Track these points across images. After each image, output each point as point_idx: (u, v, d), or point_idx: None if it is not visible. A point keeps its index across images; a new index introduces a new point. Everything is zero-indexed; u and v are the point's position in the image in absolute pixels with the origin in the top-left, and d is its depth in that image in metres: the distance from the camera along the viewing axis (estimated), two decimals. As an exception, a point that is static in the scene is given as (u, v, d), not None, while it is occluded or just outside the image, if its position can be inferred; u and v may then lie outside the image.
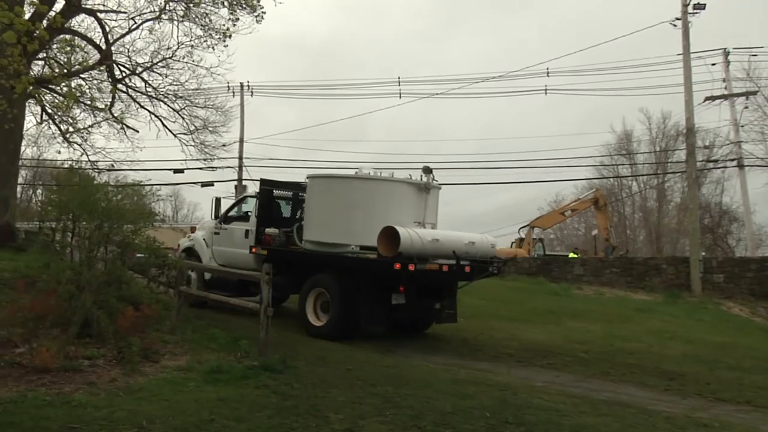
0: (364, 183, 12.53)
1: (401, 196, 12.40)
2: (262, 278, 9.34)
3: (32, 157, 41.35)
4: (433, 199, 13.02)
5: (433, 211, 13.03)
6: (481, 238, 13.11)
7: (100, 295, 9.32)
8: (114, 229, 10.29)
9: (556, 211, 38.20)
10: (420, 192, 12.71)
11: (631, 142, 52.32)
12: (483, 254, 12.76)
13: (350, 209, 12.32)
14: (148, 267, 10.99)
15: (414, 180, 12.81)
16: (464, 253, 12.26)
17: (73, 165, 20.93)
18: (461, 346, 12.53)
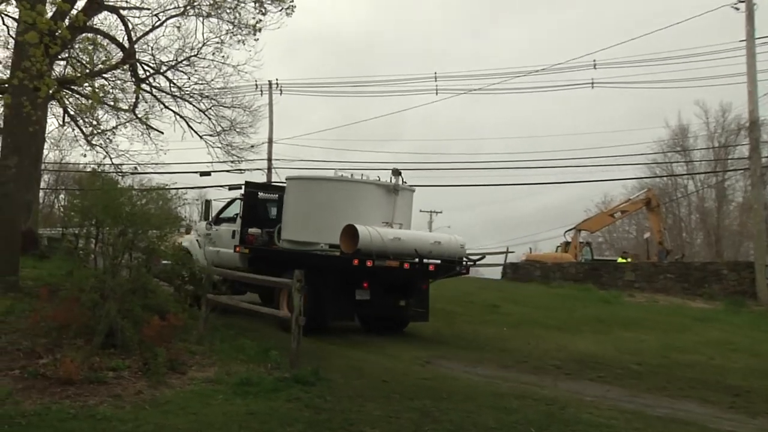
0: (334, 184, 13.95)
1: (370, 197, 13.71)
2: (293, 286, 9.41)
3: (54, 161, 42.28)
4: (404, 200, 14.36)
5: (404, 212, 14.29)
6: (449, 238, 14.36)
7: (124, 303, 9.45)
8: (139, 235, 10.44)
9: (604, 213, 37.74)
10: (389, 193, 14.06)
11: (686, 138, 51.45)
12: (450, 254, 14.03)
13: (321, 209, 13.65)
14: (173, 275, 11.13)
15: (383, 182, 14.18)
16: (428, 252, 13.54)
17: (96, 168, 21.39)
18: (504, 357, 12.44)
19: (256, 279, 12.60)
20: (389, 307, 13.92)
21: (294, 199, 14.45)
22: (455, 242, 14.36)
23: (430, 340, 14.09)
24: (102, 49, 18.87)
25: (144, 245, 10.59)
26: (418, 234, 14.32)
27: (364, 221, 12.97)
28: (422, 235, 14.41)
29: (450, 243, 14.21)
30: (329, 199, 13.76)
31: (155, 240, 10.53)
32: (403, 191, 14.39)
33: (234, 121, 23.20)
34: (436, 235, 14.48)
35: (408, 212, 14.65)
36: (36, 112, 11.98)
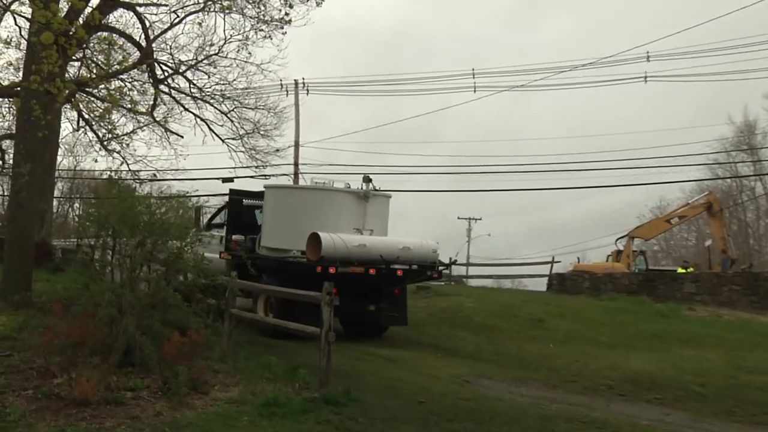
0: (305, 192, 15.82)
1: (340, 204, 15.15)
2: (323, 299, 9.45)
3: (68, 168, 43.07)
4: (375, 206, 15.74)
5: (375, 219, 15.64)
6: (420, 243, 15.79)
7: (143, 319, 9.56)
8: (158, 246, 10.56)
9: (660, 219, 37.25)
10: (360, 200, 15.47)
11: (754, 135, 50.47)
12: (421, 259, 15.50)
13: (293, 217, 15.01)
14: (195, 288, 11.23)
15: (353, 189, 15.66)
16: (395, 258, 14.85)
17: (113, 175, 21.69)
18: (551, 375, 12.34)
19: (279, 292, 12.72)
20: (359, 312, 15.07)
21: (271, 207, 15.89)
22: (427, 247, 15.81)
23: (470, 358, 14.04)
24: (118, 48, 19.14)
25: (164, 257, 10.71)
26: (385, 240, 15.57)
27: (335, 228, 14.36)
28: (390, 240, 15.65)
29: (421, 248, 15.65)
30: (301, 207, 15.22)
31: (176, 251, 10.63)
32: (375, 198, 15.85)
33: (258, 124, 23.40)
34: (406, 241, 15.76)
35: (381, 218, 16.13)
36: (47, 116, 12.18)
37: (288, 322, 11.68)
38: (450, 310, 19.69)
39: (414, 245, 15.56)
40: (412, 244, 15.58)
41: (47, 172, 19.62)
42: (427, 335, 17.05)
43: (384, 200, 16.32)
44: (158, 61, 20.38)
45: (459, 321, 18.31)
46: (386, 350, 14.11)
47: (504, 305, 20.14)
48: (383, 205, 16.27)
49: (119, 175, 22.05)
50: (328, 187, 15.73)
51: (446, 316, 19.01)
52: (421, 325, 18.04)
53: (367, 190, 15.77)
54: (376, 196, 15.88)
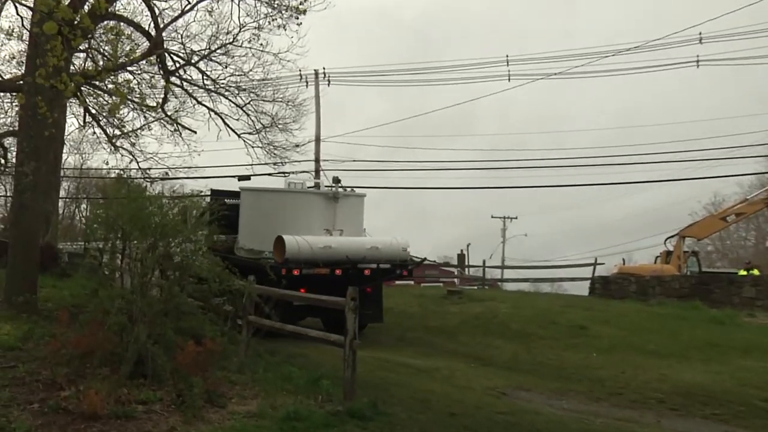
0: (276, 194, 17.17)
1: (310, 205, 16.64)
2: (347, 305, 9.47)
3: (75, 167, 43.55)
4: (345, 207, 17.46)
5: (346, 219, 17.31)
6: (390, 242, 17.50)
7: (155, 327, 9.63)
8: (171, 249, 10.63)
9: (714, 216, 36.83)
10: (329, 201, 17.24)
11: (820, 121, 49.64)
12: (390, 258, 17.22)
13: (266, 219, 16.21)
14: (210, 294, 11.30)
15: (323, 190, 17.85)
16: (362, 258, 16.47)
17: (122, 174, 21.86)
18: (596, 387, 12.27)
19: (302, 297, 12.83)
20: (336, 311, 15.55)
21: (246, 209, 17.04)
22: (396, 246, 17.57)
23: (506, 367, 14.01)
24: (126, 38, 19.27)
25: (177, 260, 10.78)
26: (352, 240, 17.12)
27: (305, 229, 15.88)
28: (357, 240, 17.25)
29: (391, 247, 17.41)
30: (273, 209, 16.71)
31: (190, 254, 10.70)
32: (345, 198, 17.72)
33: (276, 117, 23.46)
34: (375, 240, 17.52)
35: (353, 218, 17.82)
36: (53, 113, 12.29)
37: (308, 330, 11.76)
38: (484, 316, 19.67)
39: (383, 244, 17.35)
40: (381, 244, 17.36)
41: (52, 171, 19.73)
42: (460, 343, 17.06)
43: (356, 200, 18.15)
44: (169, 52, 20.44)
45: (494, 328, 18.30)
46: (416, 359, 14.13)
47: (542, 311, 20.07)
48: (355, 205, 18.07)
49: (128, 173, 22.22)
50: (298, 189, 17.83)
51: (480, 322, 19.01)
52: (453, 332, 18.07)
53: (336, 191, 17.80)
54: (346, 197, 17.83)
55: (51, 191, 19.96)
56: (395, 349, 15.86)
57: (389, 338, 18.08)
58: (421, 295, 24.03)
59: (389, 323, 19.68)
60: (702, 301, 24.77)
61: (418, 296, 23.83)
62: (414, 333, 18.71)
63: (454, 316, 19.87)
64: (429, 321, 19.91)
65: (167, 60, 20.52)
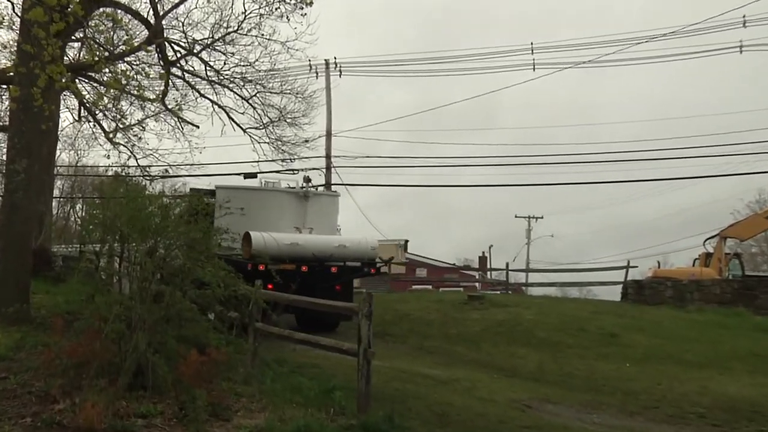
0: (249, 192, 18.32)
1: (281, 204, 18.10)
2: (361, 311, 9.47)
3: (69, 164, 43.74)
4: (316, 206, 19.53)
5: (317, 217, 19.21)
6: (358, 240, 19.44)
7: (156, 335, 9.66)
8: (172, 252, 10.66)
9: (759, 215, 36.55)
10: (300, 200, 19.23)
11: None
12: (358, 256, 19.12)
13: (238, 216, 16.29)
14: (214, 300, 11.33)
15: (294, 189, 19.53)
16: (329, 255, 18.32)
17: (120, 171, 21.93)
18: (629, 400, 12.22)
19: (310, 303, 12.83)
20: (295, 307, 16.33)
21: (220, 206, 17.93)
22: (365, 245, 19.49)
23: (532, 378, 13.98)
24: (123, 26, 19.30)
25: (178, 264, 10.80)
26: (320, 238, 18.83)
27: (275, 227, 17.14)
28: (325, 239, 18.94)
29: (359, 245, 19.27)
30: (245, 207, 17.47)
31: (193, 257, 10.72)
32: (316, 198, 19.88)
33: (284, 110, 23.53)
34: (342, 239, 19.46)
35: (325, 217, 19.77)
36: (49, 106, 12.33)
37: (320, 337, 11.76)
38: (507, 323, 19.63)
39: (351, 243, 19.23)
40: (349, 242, 19.24)
41: (45, 169, 19.79)
42: (482, 352, 17.04)
43: (328, 200, 20.51)
44: (169, 41, 20.52)
45: (518, 336, 18.27)
46: (435, 370, 14.12)
47: (570, 317, 20.02)
48: (327, 204, 20.33)
49: (127, 171, 22.28)
50: (270, 188, 19.50)
51: (503, 330, 18.98)
52: (475, 340, 18.05)
53: (307, 190, 19.96)
54: (317, 196, 20.09)
55: (44, 190, 20.05)
56: (412, 359, 15.86)
57: (406, 347, 18.10)
58: (440, 301, 23.98)
59: (406, 330, 19.70)
60: (746, 307, 24.60)
61: (437, 302, 23.79)
62: (432, 341, 18.71)
63: (476, 323, 19.83)
64: (448, 328, 19.88)
65: (167, 50, 20.58)
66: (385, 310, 21.25)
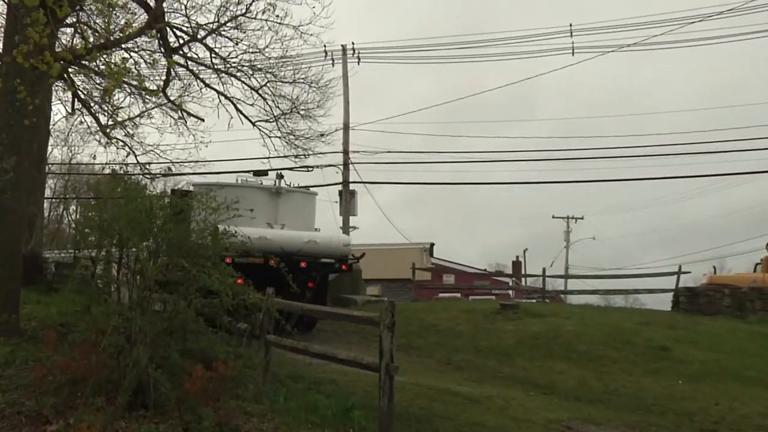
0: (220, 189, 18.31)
1: (252, 200, 18.66)
2: (382, 322, 9.45)
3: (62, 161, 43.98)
4: (289, 202, 21.56)
5: (289, 214, 21.18)
6: (330, 237, 21.87)
7: (158, 349, 9.70)
8: (175, 258, 10.68)
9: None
10: (272, 196, 21.26)
11: None
12: (328, 252, 21.06)
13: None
14: (222, 310, 11.36)
15: (266, 186, 21.53)
16: (297, 250, 19.74)
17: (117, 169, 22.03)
18: (682, 422, 12.16)
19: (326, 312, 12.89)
20: None
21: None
22: (336, 241, 21.87)
23: (572, 397, 13.93)
24: (120, 10, 19.32)
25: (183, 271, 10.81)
26: (290, 233, 20.60)
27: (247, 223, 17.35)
28: (294, 234, 20.69)
29: (330, 241, 21.47)
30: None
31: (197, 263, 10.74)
32: (290, 194, 21.93)
33: (297, 101, 23.48)
34: (313, 234, 21.45)
35: (298, 214, 21.79)
36: (35, 98, 12.37)
37: (339, 350, 11.78)
38: (545, 335, 19.57)
39: (322, 239, 21.34)
40: (320, 238, 21.34)
41: (36, 167, 19.87)
42: (517, 367, 16.99)
43: (302, 197, 22.69)
44: (171, 25, 20.48)
45: (557, 349, 18.21)
46: (464, 386, 14.09)
47: (615, 329, 19.94)
48: (302, 201, 22.50)
49: (125, 169, 22.38)
50: (243, 184, 21.49)
51: (540, 342, 18.92)
52: (508, 354, 18.01)
53: (279, 186, 21.86)
54: (290, 193, 22.11)
55: (35, 190, 20.12)
56: (440, 374, 15.84)
57: (432, 361, 18.08)
58: (470, 310, 23.95)
59: (432, 343, 19.68)
60: (817, 318, 24.40)
61: (467, 311, 23.77)
62: (462, 354, 18.67)
63: (509, 335, 19.79)
64: (479, 340, 19.85)
65: (169, 35, 20.60)
66: (409, 321, 21.26)
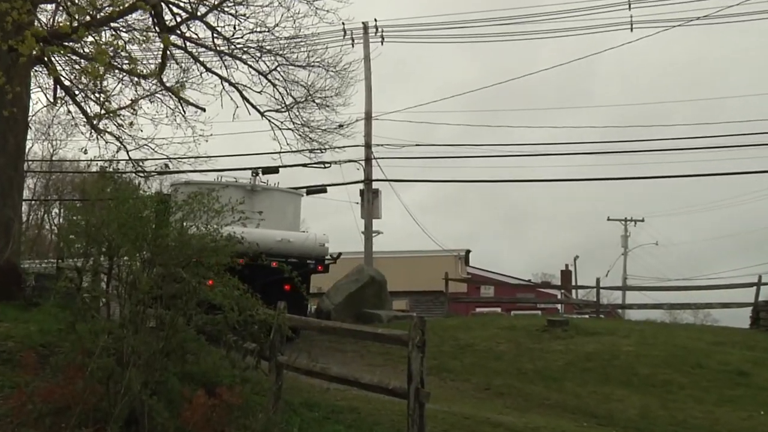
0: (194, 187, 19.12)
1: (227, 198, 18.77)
2: (411, 341, 9.45)
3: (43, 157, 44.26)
4: (266, 201, 22.92)
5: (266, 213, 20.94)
6: (305, 237, 24.05)
7: (153, 372, 9.74)
8: (173, 268, 10.72)
9: None
10: (247, 194, 22.44)
11: None
12: (303, 252, 23.10)
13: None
14: (226, 328, 11.39)
15: (240, 183, 23.54)
16: (268, 249, 19.95)
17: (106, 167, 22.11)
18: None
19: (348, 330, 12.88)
20: None
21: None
22: (312, 241, 23.80)
23: (633, 428, 13.92)
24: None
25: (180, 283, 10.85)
26: (261, 232, 20.96)
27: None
28: (265, 232, 21.64)
29: (306, 241, 23.63)
30: None
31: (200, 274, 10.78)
32: (267, 192, 24.13)
33: (311, 88, 23.53)
34: (286, 233, 23.31)
35: (277, 213, 23.45)
36: (13, 86, 12.46)
37: (361, 374, 11.80)
38: (599, 356, 19.52)
39: (296, 238, 23.46)
40: (294, 237, 23.40)
41: (12, 164, 19.94)
42: (567, 394, 16.96)
43: (282, 196, 25.00)
44: (167, 1, 20.56)
45: (614, 373, 18.15)
46: (507, 416, 14.07)
47: (683, 349, 19.86)
48: (281, 200, 24.80)
49: (116, 166, 22.45)
50: (214, 182, 22.72)
51: (594, 365, 18.87)
52: (557, 378, 17.97)
53: (254, 184, 23.95)
54: (269, 191, 24.30)
55: (12, 191, 20.18)
56: (478, 401, 15.84)
57: (469, 386, 18.05)
58: (513, 327, 23.90)
59: (469, 365, 19.65)
60: None
61: (509, 328, 23.73)
62: (503, 379, 18.63)
63: (558, 356, 19.75)
64: (523, 362, 19.81)
65: (165, 12, 20.61)
66: (442, 340, 21.26)
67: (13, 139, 19.76)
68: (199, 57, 22.17)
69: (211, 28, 21.22)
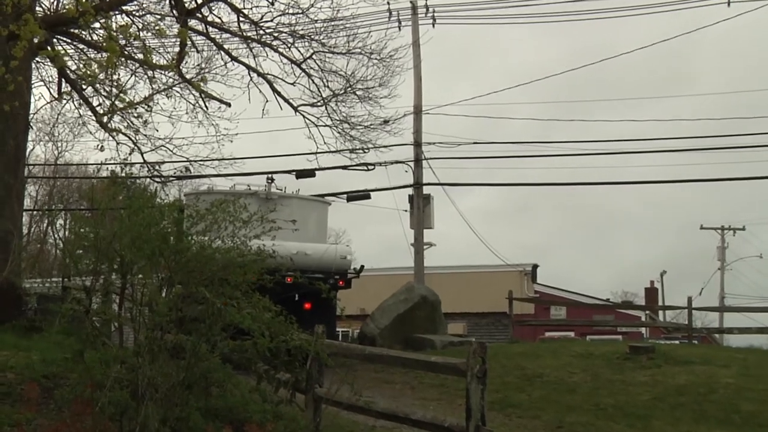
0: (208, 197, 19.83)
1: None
2: (470, 370, 9.45)
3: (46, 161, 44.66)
4: (284, 210, 21.83)
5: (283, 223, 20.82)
6: (325, 249, 24.49)
7: (173, 407, 9.81)
8: (194, 287, 10.80)
9: None
10: (262, 203, 22.34)
11: None
12: (321, 266, 23.46)
13: None
14: (257, 356, 11.44)
15: (255, 191, 23.63)
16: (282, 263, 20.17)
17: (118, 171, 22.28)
18: None
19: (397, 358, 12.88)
20: None
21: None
22: (332, 253, 24.49)
23: None
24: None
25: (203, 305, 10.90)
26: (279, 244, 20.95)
27: None
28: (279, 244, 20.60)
29: (325, 253, 24.10)
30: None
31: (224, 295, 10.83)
32: (284, 200, 24.24)
33: (352, 78, 23.53)
34: (304, 245, 23.25)
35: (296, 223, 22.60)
36: (15, 77, 12.60)
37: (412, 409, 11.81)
38: (693, 389, 19.38)
39: (315, 251, 23.79)
40: (312, 250, 23.69)
41: (12, 170, 20.11)
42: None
43: (302, 204, 25.31)
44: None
45: (711, 409, 18.00)
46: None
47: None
48: (302, 209, 24.91)
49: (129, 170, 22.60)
50: (229, 191, 23.15)
51: (687, 400, 18.73)
52: (642, 415, 17.86)
53: (269, 192, 24.29)
54: (286, 199, 24.60)
55: (11, 200, 20.37)
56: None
57: (539, 423, 17.99)
58: (588, 355, 23.77)
59: (537, 399, 19.59)
60: None
61: (584, 356, 23.60)
62: (578, 415, 18.54)
63: (643, 390, 19.63)
64: (602, 396, 19.70)
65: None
66: (505, 369, 21.21)
67: (11, 141, 19.85)
68: (223, 44, 22.26)
69: (237, 11, 21.30)
